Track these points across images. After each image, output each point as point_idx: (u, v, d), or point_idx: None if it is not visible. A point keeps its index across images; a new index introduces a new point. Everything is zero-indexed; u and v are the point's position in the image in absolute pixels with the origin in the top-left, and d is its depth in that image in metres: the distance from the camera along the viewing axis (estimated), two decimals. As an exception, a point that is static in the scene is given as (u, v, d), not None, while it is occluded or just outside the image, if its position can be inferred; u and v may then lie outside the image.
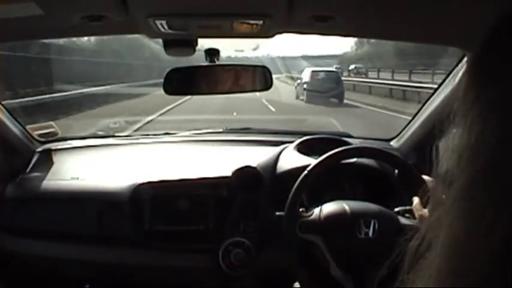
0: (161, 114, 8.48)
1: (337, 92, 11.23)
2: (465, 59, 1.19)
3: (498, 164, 0.32)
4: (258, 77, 1.22)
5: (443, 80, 1.41)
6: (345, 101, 11.38)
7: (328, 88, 11.18)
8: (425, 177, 1.00)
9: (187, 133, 1.82)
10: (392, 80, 14.19)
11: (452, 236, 0.34)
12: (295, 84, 13.06)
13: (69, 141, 1.72)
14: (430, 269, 0.36)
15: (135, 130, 4.83)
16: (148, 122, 6.78)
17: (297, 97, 12.21)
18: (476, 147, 0.33)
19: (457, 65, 1.30)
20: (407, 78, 13.84)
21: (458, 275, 0.33)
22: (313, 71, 12.14)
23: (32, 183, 1.45)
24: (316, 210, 1.17)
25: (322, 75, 12.11)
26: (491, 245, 0.31)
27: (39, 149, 1.60)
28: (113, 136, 1.84)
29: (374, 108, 10.58)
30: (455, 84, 1.30)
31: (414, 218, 1.03)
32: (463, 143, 0.35)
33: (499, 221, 0.31)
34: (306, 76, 11.99)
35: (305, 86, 11.57)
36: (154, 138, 1.79)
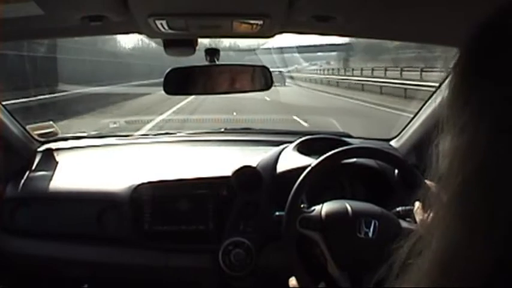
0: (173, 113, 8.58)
1: (282, 80, 19.79)
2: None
3: (489, 166, 0.32)
4: (258, 76, 1.22)
5: (444, 80, 1.40)
6: (287, 84, 20.58)
7: (277, 78, 20.57)
8: (427, 181, 1.00)
9: (187, 133, 1.82)
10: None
11: (448, 239, 0.34)
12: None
13: (69, 141, 1.72)
14: (421, 272, 0.36)
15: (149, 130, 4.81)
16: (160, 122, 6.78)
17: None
18: (468, 150, 0.34)
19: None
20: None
21: (449, 278, 0.33)
22: None
23: (32, 183, 1.45)
24: (318, 207, 1.17)
25: (275, 73, 20.56)
26: (490, 246, 0.31)
27: (39, 149, 1.60)
28: (113, 136, 1.83)
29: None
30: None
31: (415, 220, 1.03)
32: (454, 146, 0.35)
33: (495, 221, 0.31)
34: None
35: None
36: (154, 138, 1.79)
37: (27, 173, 1.49)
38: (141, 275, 1.41)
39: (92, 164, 1.57)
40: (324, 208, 1.16)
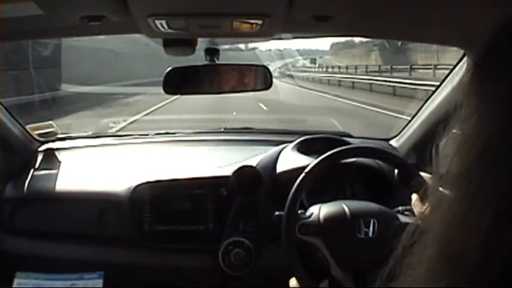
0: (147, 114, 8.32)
1: None
2: (465, 58, 1.19)
3: (488, 156, 0.33)
4: (258, 76, 1.22)
5: (444, 80, 1.40)
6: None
7: None
8: (423, 174, 1.00)
9: (186, 133, 1.82)
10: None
11: (445, 223, 0.35)
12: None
13: (68, 141, 1.72)
14: (421, 255, 0.37)
15: (119, 130, 4.43)
16: (132, 122, 6.59)
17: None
18: (470, 139, 0.35)
19: (457, 65, 1.30)
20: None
21: (448, 260, 0.34)
22: None
23: (31, 183, 1.45)
24: (315, 211, 1.17)
25: None
26: (480, 232, 0.32)
27: (39, 149, 1.60)
28: (113, 136, 1.83)
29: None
30: (455, 83, 1.30)
31: (414, 216, 1.03)
32: (460, 135, 0.36)
33: (488, 209, 0.32)
34: None
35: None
36: (153, 138, 1.79)
37: (27, 173, 1.49)
38: (141, 274, 1.41)
39: (92, 164, 1.57)
40: (322, 212, 1.16)
